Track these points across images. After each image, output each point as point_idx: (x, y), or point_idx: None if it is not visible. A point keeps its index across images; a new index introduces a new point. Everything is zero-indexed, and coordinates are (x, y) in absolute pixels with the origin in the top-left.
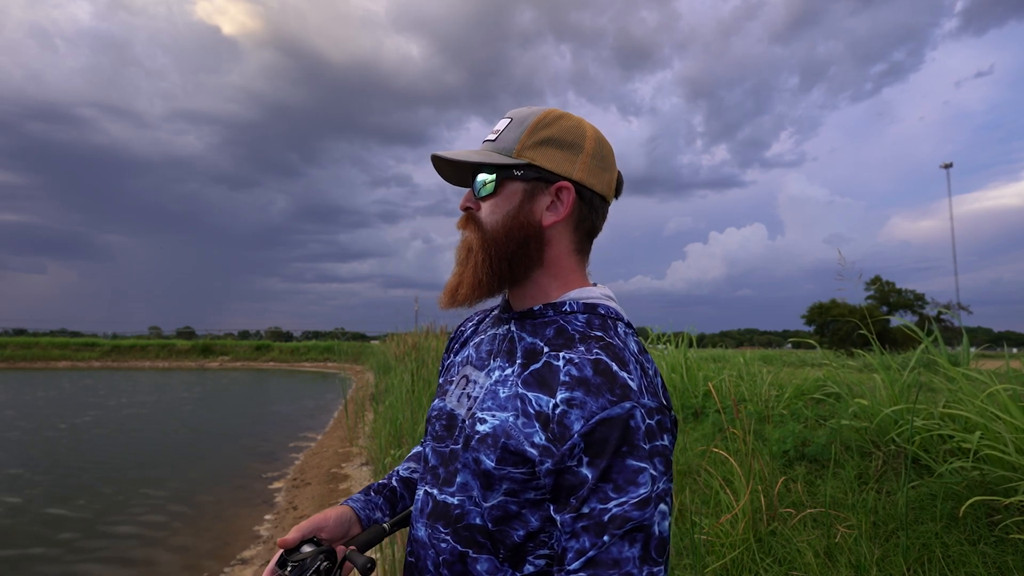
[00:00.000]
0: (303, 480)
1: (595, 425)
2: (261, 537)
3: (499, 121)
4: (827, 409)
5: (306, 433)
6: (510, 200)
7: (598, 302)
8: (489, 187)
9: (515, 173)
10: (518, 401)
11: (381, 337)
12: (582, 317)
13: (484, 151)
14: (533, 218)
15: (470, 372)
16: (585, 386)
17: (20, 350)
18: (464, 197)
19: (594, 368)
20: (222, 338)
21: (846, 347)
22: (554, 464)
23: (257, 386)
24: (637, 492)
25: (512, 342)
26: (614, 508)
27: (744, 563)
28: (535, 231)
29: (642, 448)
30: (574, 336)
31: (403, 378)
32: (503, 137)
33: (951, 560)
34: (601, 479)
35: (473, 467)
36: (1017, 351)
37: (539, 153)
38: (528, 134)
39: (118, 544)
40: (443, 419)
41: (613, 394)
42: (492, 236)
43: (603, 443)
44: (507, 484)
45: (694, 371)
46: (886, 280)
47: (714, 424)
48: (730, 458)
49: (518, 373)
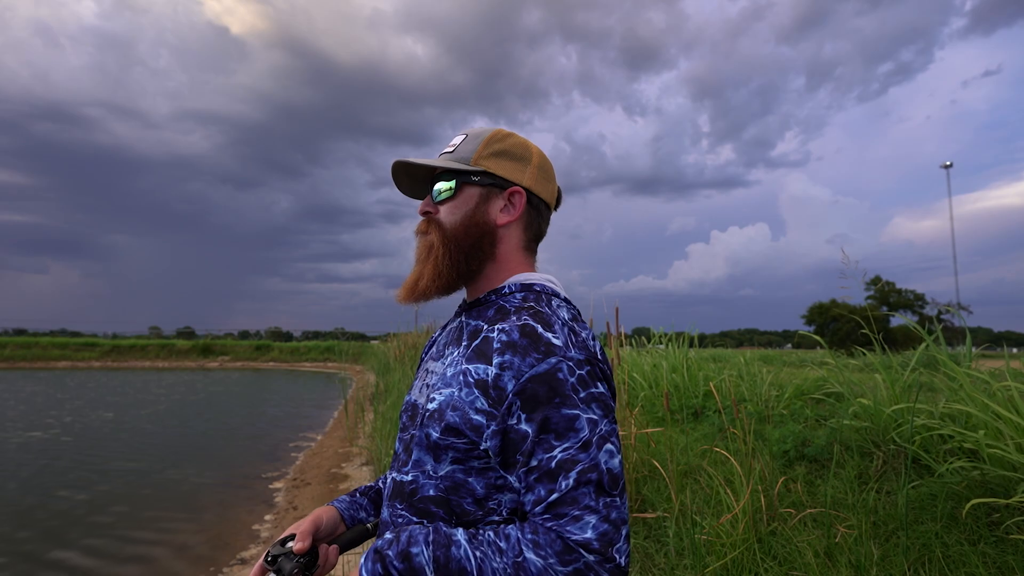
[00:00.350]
0: (303, 480)
1: (525, 383)
2: (261, 537)
3: (455, 137)
4: (827, 409)
5: (306, 433)
6: (467, 202)
7: (534, 281)
8: (448, 191)
9: (472, 179)
10: (461, 376)
11: (381, 337)
12: (519, 295)
13: (443, 160)
14: (488, 218)
15: (430, 365)
16: (513, 348)
17: (20, 350)
18: (423, 203)
19: (520, 332)
20: (222, 338)
21: (846, 347)
22: (497, 425)
23: (257, 386)
24: (578, 437)
25: (461, 329)
26: (559, 454)
27: (744, 563)
28: (490, 229)
29: (573, 397)
30: (509, 311)
31: (404, 378)
32: (460, 149)
33: (951, 560)
34: (541, 431)
35: (424, 442)
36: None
37: (494, 162)
38: (484, 146)
39: (117, 543)
40: (408, 410)
41: (538, 352)
42: (452, 234)
43: (535, 398)
44: (452, 453)
45: (695, 371)
46: (886, 280)
47: (714, 424)
48: (730, 458)
49: (463, 353)
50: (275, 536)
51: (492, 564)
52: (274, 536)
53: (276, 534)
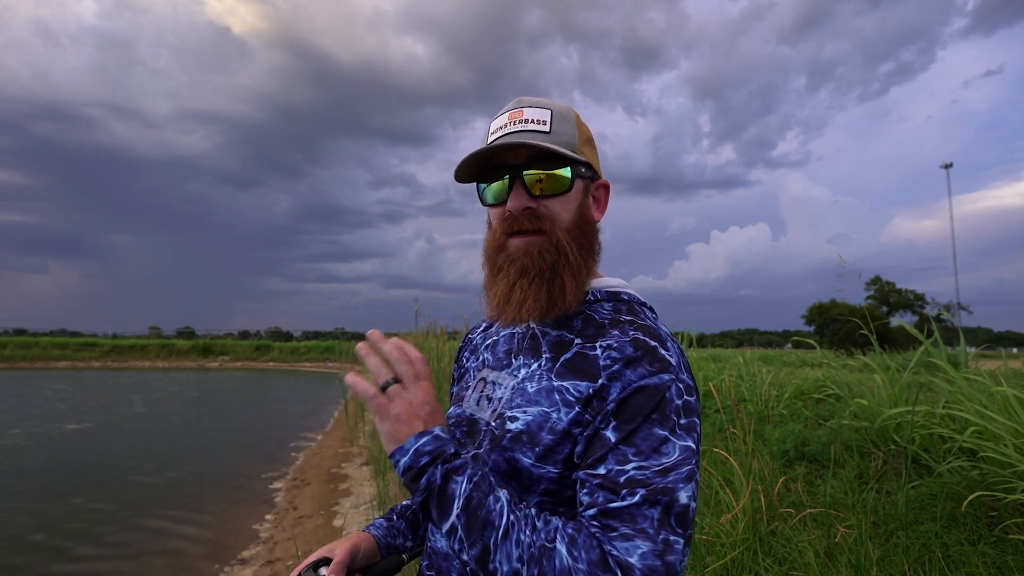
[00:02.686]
0: (303, 480)
1: (631, 392)
2: (261, 537)
3: (529, 110)
4: (827, 409)
5: (306, 433)
6: (577, 196)
7: (620, 289)
8: (565, 182)
9: (581, 170)
10: (555, 394)
11: None
12: (607, 305)
13: (546, 141)
14: (590, 215)
15: (488, 374)
16: (625, 362)
17: (20, 350)
18: (520, 197)
19: (634, 346)
20: (222, 338)
21: (846, 347)
22: (589, 431)
23: (257, 386)
24: (660, 460)
25: (535, 338)
26: (632, 471)
27: (744, 563)
28: (594, 229)
29: (673, 420)
30: (603, 324)
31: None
32: (558, 130)
33: (951, 560)
34: (622, 442)
35: (505, 467)
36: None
37: (589, 151)
38: (579, 129)
39: (118, 543)
40: (463, 425)
41: (652, 365)
42: (573, 234)
43: (634, 409)
44: (544, 484)
45: (694, 371)
46: (886, 280)
47: (714, 424)
48: (730, 458)
49: (547, 367)
50: (275, 536)
51: (520, 534)
52: (274, 536)
53: (276, 534)
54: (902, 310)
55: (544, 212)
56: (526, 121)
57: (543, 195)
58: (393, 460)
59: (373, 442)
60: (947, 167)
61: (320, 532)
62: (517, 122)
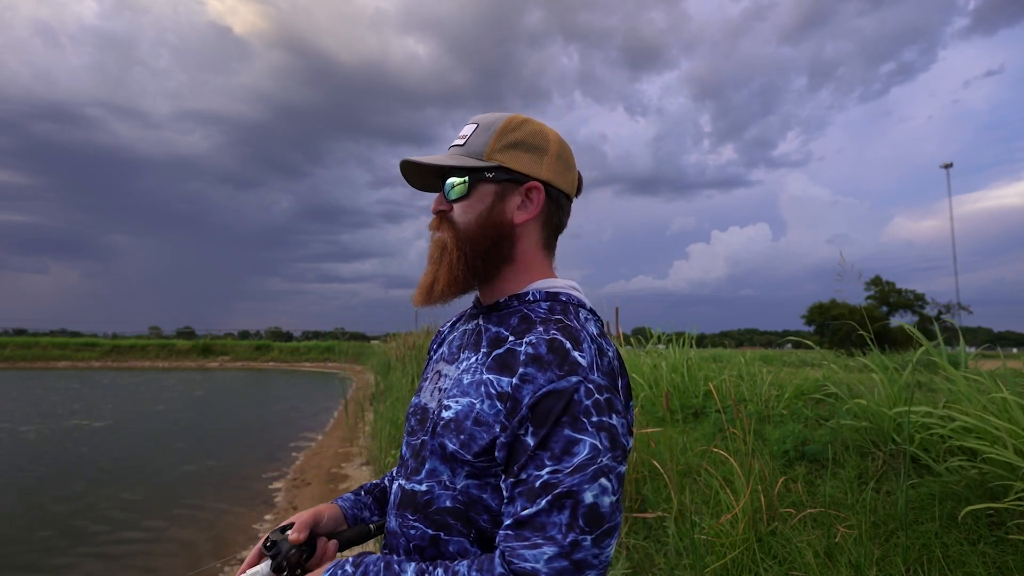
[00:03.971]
0: (303, 480)
1: (540, 397)
2: (261, 537)
3: (465, 127)
4: (827, 409)
5: (306, 433)
6: (482, 200)
7: (560, 290)
8: (461, 189)
9: (487, 175)
10: (482, 387)
11: (381, 337)
12: (544, 304)
13: (454, 155)
14: (505, 217)
15: (442, 367)
16: (538, 363)
17: (20, 350)
18: (435, 201)
19: (548, 346)
20: (222, 338)
21: (846, 347)
22: (507, 436)
23: (257, 386)
24: (571, 461)
25: (479, 334)
26: (546, 475)
27: (744, 563)
28: (508, 229)
29: (582, 421)
30: (535, 321)
31: (404, 378)
32: (471, 142)
33: (951, 560)
34: (539, 447)
35: (440, 452)
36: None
37: (508, 156)
38: (496, 138)
39: (117, 543)
40: (417, 414)
41: (561, 369)
42: (466, 235)
43: (546, 413)
44: (468, 468)
45: (695, 371)
46: (886, 280)
47: (714, 424)
48: (730, 458)
49: (482, 360)
50: None
51: None
52: None
53: None
54: (902, 310)
55: (450, 215)
56: (460, 137)
57: (454, 200)
58: None
59: (373, 442)
60: (947, 167)
61: None
62: (458, 138)
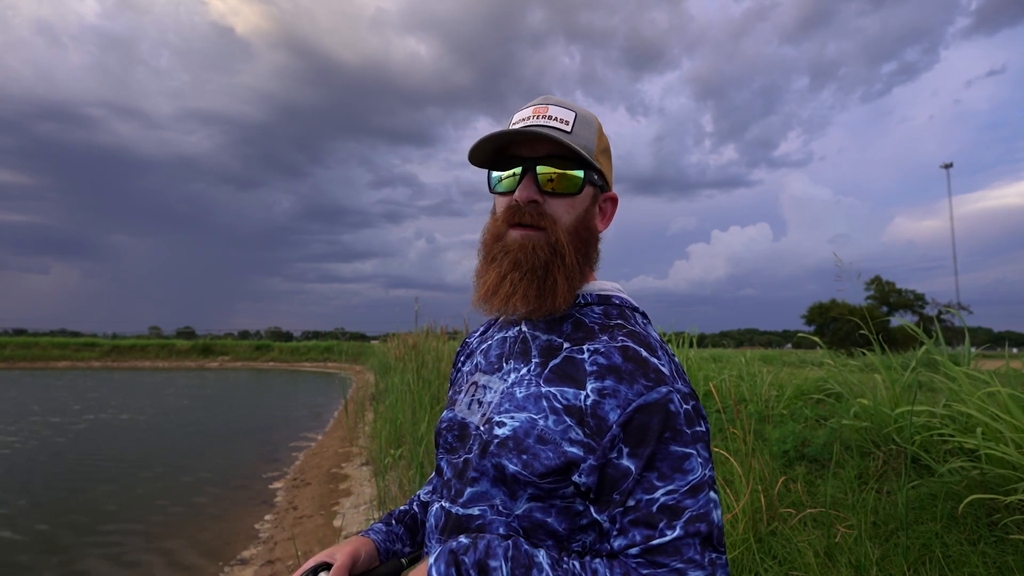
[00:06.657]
0: (303, 480)
1: (632, 413)
2: (261, 537)
3: (552, 108)
4: (827, 409)
5: (306, 433)
6: (584, 201)
7: (611, 293)
8: (575, 183)
9: (594, 176)
10: (542, 401)
11: (381, 337)
12: (598, 309)
13: (568, 140)
14: (594, 223)
15: (480, 378)
16: (616, 374)
17: (20, 350)
18: (528, 188)
19: (623, 355)
20: (222, 338)
21: (846, 347)
22: (596, 460)
23: (257, 386)
24: (686, 479)
25: (525, 342)
26: (662, 497)
27: (744, 563)
28: (595, 237)
29: (685, 433)
30: (593, 328)
31: (404, 378)
32: (579, 134)
33: (951, 560)
34: (645, 468)
35: (493, 474)
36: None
37: (605, 161)
38: (599, 138)
39: (117, 543)
40: (454, 429)
41: (648, 379)
42: (574, 235)
43: (644, 431)
44: (532, 490)
45: (695, 371)
46: (886, 280)
47: (714, 424)
48: (730, 458)
49: (536, 372)
50: (275, 536)
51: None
52: (274, 536)
53: (276, 534)
54: (902, 310)
55: (548, 209)
56: (550, 118)
57: (552, 193)
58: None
59: (373, 442)
60: (947, 167)
61: (320, 532)
62: (541, 117)
